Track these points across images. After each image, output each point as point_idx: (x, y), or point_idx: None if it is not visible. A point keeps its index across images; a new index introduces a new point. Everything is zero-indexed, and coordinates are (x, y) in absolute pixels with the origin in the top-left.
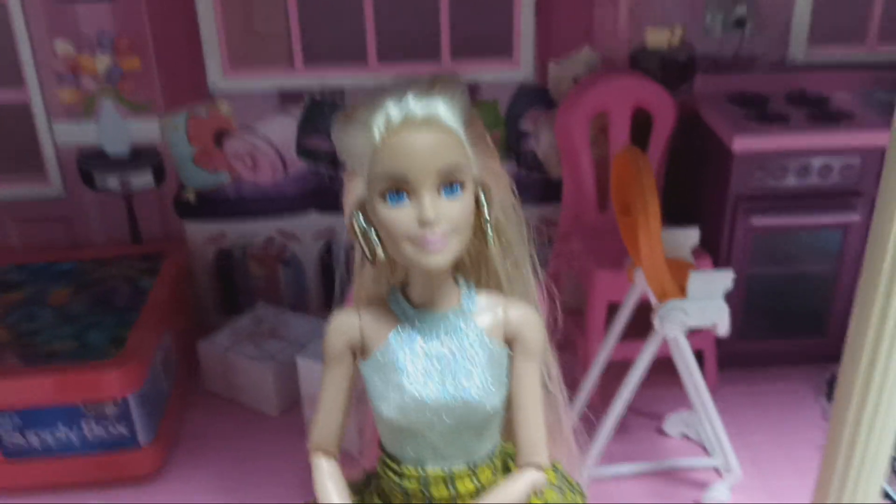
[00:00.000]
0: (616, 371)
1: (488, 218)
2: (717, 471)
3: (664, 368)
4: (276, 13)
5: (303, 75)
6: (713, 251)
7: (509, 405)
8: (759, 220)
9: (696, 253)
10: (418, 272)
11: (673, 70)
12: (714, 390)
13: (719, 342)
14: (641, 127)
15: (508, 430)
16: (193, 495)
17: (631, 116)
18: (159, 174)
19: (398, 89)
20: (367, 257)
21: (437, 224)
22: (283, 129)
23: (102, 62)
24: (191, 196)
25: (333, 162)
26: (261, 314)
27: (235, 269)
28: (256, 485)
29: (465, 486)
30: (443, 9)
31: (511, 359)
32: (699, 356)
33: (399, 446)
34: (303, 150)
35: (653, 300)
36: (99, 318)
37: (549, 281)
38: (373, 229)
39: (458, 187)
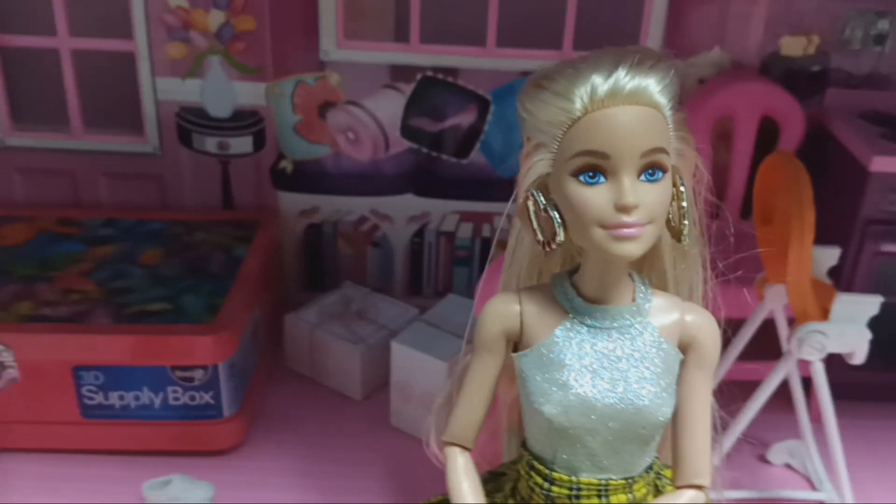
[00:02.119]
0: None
1: (686, 209)
2: None
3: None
4: None
5: (417, 52)
6: (834, 274)
7: (675, 418)
8: (890, 247)
9: None
10: (595, 262)
11: (804, 80)
12: (817, 420)
13: (829, 370)
14: (764, 136)
15: (663, 445)
16: (271, 473)
17: (758, 123)
18: (259, 140)
19: (602, 59)
20: (540, 241)
21: (635, 210)
22: (390, 106)
23: (216, 19)
24: (288, 166)
25: (436, 145)
26: (349, 294)
27: (324, 246)
28: (336, 466)
29: (619, 499)
30: None
31: (683, 366)
32: (806, 384)
33: (551, 450)
34: (407, 130)
35: (781, 322)
36: (194, 283)
37: (717, 289)
38: (555, 210)
39: (660, 172)
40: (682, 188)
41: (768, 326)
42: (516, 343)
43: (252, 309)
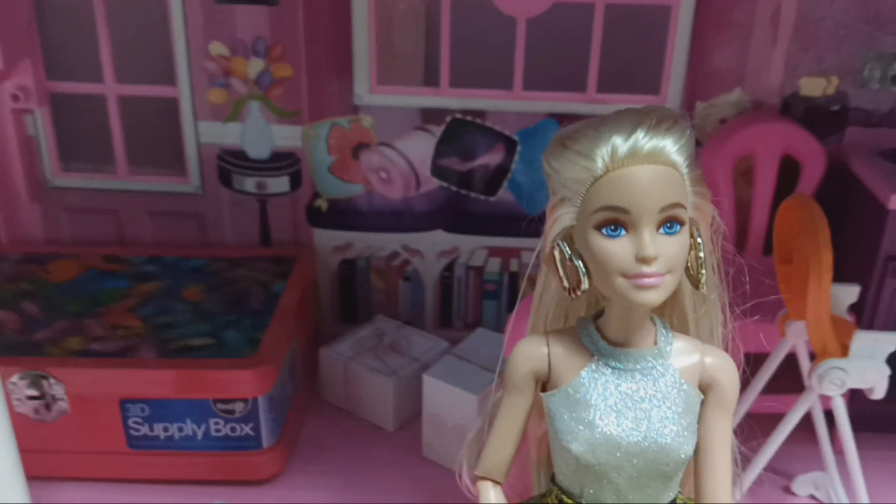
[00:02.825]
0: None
1: (703, 260)
2: None
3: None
4: (418, 34)
5: (447, 95)
6: (856, 310)
7: (696, 456)
8: None
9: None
10: (619, 308)
11: (824, 119)
12: (841, 452)
13: (853, 402)
14: (786, 174)
15: (686, 480)
16: (308, 501)
17: (778, 162)
18: (295, 180)
19: (622, 120)
20: (566, 288)
21: (655, 261)
22: (420, 147)
23: (255, 67)
24: (323, 204)
25: (465, 183)
26: (382, 327)
27: (358, 280)
28: (370, 496)
29: None
30: (594, 41)
31: (703, 407)
32: (829, 415)
33: (578, 485)
34: (437, 169)
35: (803, 357)
36: (235, 318)
37: (735, 331)
38: (580, 260)
39: (678, 225)
40: (699, 239)
41: (793, 359)
42: (545, 383)
43: (290, 343)
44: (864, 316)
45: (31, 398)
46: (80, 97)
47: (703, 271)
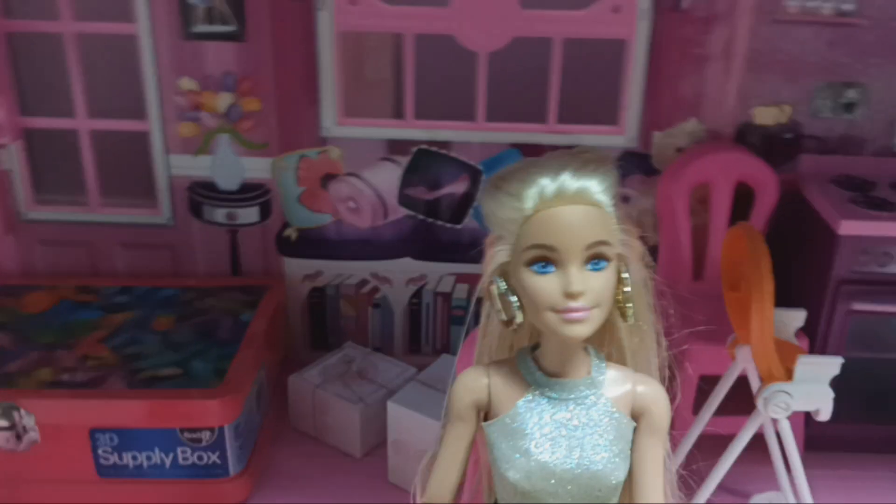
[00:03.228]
0: (700, 443)
1: (629, 293)
2: None
3: (751, 445)
4: (386, 67)
5: (412, 128)
6: (809, 332)
7: (630, 481)
8: (861, 305)
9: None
10: (553, 341)
11: (778, 147)
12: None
13: (812, 423)
14: (741, 201)
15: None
16: None
17: (733, 190)
18: (265, 210)
19: (550, 163)
20: (503, 320)
21: (582, 296)
22: (387, 177)
23: (224, 100)
24: (293, 234)
25: (432, 211)
26: (350, 354)
27: (327, 307)
28: None
29: None
30: (554, 74)
31: (635, 433)
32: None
33: None
34: (404, 198)
35: (754, 381)
36: (202, 348)
37: (671, 357)
38: (513, 294)
39: (604, 262)
40: (624, 274)
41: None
42: (486, 412)
43: (257, 372)
44: (818, 339)
45: (2, 429)
46: (53, 131)
47: (629, 304)
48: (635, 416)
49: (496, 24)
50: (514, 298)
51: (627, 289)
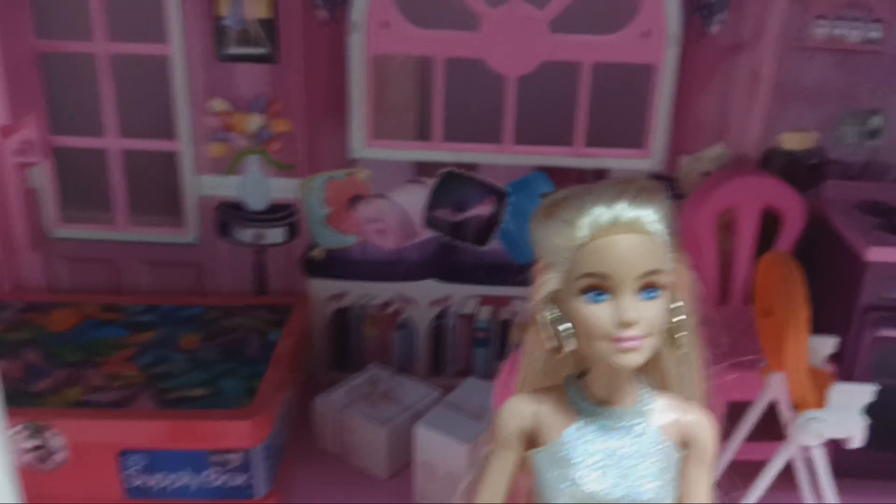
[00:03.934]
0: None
1: (681, 322)
2: None
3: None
4: (412, 89)
5: (439, 150)
6: (836, 360)
7: None
8: (888, 332)
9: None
10: (603, 368)
11: (803, 173)
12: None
13: (838, 451)
14: (767, 226)
15: None
16: None
17: (760, 215)
18: (292, 230)
19: (605, 191)
20: (553, 348)
21: (636, 325)
22: (414, 198)
23: (254, 122)
24: (319, 254)
25: (457, 233)
26: (375, 375)
27: (351, 328)
28: None
29: None
30: (581, 98)
31: (683, 463)
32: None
33: None
34: (430, 220)
35: (785, 408)
36: (231, 367)
37: (715, 387)
38: (565, 322)
39: (657, 290)
40: (676, 303)
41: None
42: (533, 440)
43: (286, 392)
44: (844, 365)
45: (32, 449)
46: (83, 150)
47: (680, 333)
48: (683, 446)
49: (525, 48)
50: (565, 326)
51: (680, 317)
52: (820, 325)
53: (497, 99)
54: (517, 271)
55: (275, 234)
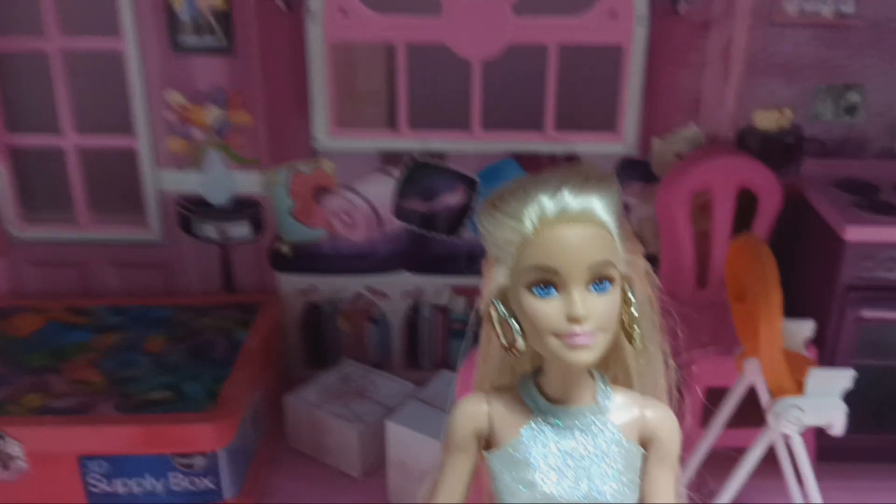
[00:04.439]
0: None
1: (636, 315)
2: None
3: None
4: (379, 77)
5: (406, 139)
6: (817, 341)
7: None
8: (870, 313)
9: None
10: (556, 366)
11: (779, 151)
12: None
13: (821, 434)
14: (742, 207)
15: None
16: None
17: (735, 196)
18: (257, 226)
19: (549, 180)
20: (504, 346)
21: (585, 320)
22: (381, 189)
23: (213, 115)
24: (286, 249)
25: (427, 224)
26: (348, 372)
27: (324, 324)
28: None
29: None
30: (550, 81)
31: (645, 461)
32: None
33: None
34: (399, 211)
35: (763, 394)
36: (197, 370)
37: (679, 379)
38: (513, 319)
39: (608, 283)
40: (630, 295)
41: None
42: (488, 441)
43: (251, 393)
44: (826, 348)
45: None
46: (40, 150)
47: (636, 326)
48: (644, 444)
49: (489, 31)
50: (514, 323)
51: (634, 311)
52: (800, 307)
53: (465, 85)
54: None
55: (240, 230)
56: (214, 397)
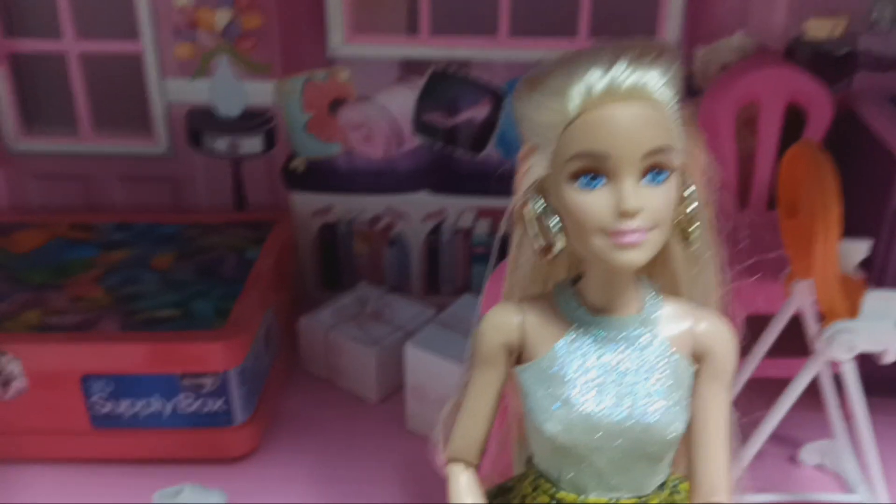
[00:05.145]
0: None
1: (694, 212)
2: None
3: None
4: None
5: (428, 45)
6: (864, 264)
7: (689, 433)
8: None
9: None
10: (600, 270)
11: (831, 64)
12: (849, 418)
13: (862, 364)
14: (791, 123)
15: (678, 459)
16: (285, 479)
17: (784, 110)
18: (270, 139)
19: (600, 54)
20: (539, 248)
21: (638, 215)
22: (401, 101)
23: (222, 17)
24: (300, 165)
25: (450, 140)
26: (364, 294)
27: (339, 245)
28: (352, 471)
29: None
30: None
31: (696, 379)
32: (837, 377)
33: (556, 468)
34: (420, 125)
35: (811, 319)
36: (204, 288)
37: (742, 289)
38: (552, 216)
39: (665, 173)
40: (690, 189)
41: (799, 321)
42: (518, 355)
43: (264, 312)
44: (874, 273)
45: None
46: (40, 56)
47: (695, 226)
48: (696, 359)
49: None
50: (553, 220)
51: (692, 206)
52: (849, 230)
53: None
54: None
55: (251, 144)
56: (224, 316)
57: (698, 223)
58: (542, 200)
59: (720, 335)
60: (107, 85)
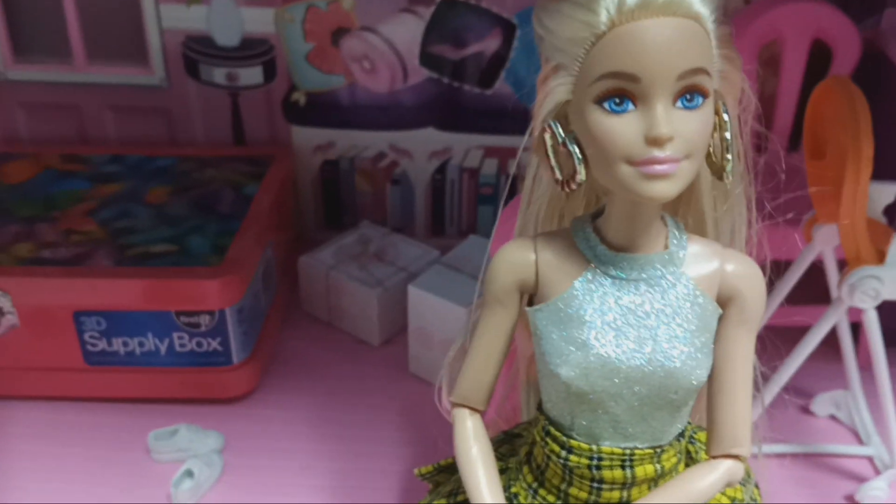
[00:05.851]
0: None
1: (730, 143)
2: (870, 460)
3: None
4: None
5: None
6: (888, 210)
7: (711, 380)
8: None
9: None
10: (622, 204)
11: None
12: (864, 368)
13: (883, 315)
14: (815, 61)
15: (697, 407)
16: (283, 421)
17: (808, 48)
18: (269, 71)
19: None
20: (559, 180)
21: (670, 142)
22: (407, 32)
23: None
24: (301, 98)
25: (458, 73)
26: (367, 234)
27: (341, 183)
28: (351, 414)
29: (645, 469)
30: None
31: (722, 322)
32: (855, 329)
33: (569, 415)
34: (426, 58)
35: (830, 265)
36: (200, 223)
37: (761, 233)
38: (575, 144)
39: (700, 97)
40: (725, 116)
41: (814, 268)
42: (532, 295)
43: (263, 250)
44: None
45: None
46: None
47: (729, 157)
48: (722, 302)
49: None
50: (575, 148)
51: (727, 135)
52: (874, 174)
53: None
54: (528, 117)
55: (250, 75)
56: (221, 253)
57: (731, 155)
58: (562, 128)
59: (751, 277)
60: (101, 11)
